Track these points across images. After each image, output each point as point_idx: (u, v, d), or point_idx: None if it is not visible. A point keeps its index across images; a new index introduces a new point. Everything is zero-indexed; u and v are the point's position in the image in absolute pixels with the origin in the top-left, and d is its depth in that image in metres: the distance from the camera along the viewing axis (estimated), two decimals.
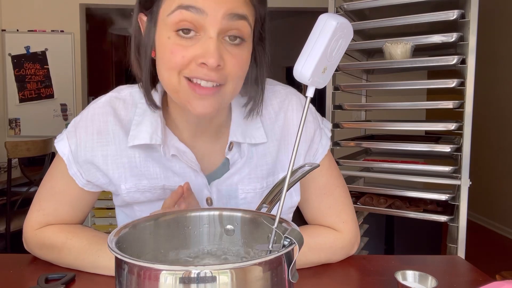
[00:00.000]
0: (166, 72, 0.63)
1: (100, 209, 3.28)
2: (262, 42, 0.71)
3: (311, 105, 0.78)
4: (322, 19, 0.47)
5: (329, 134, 0.82)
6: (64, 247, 0.73)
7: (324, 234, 0.78)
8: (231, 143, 0.73)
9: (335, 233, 0.79)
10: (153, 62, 0.67)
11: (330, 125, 0.84)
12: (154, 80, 0.70)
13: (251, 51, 0.67)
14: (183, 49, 0.60)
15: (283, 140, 0.77)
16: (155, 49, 0.65)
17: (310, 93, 0.49)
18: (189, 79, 0.62)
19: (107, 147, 0.72)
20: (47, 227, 0.76)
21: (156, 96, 0.72)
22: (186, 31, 0.60)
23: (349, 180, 2.00)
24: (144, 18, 0.67)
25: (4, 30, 3.74)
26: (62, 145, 0.74)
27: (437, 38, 1.63)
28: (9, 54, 3.77)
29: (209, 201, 0.75)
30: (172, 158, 0.72)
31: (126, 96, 0.75)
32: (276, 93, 0.79)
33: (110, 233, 0.48)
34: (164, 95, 0.74)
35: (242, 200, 0.75)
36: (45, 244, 0.75)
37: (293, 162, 0.48)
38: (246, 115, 0.74)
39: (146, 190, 0.73)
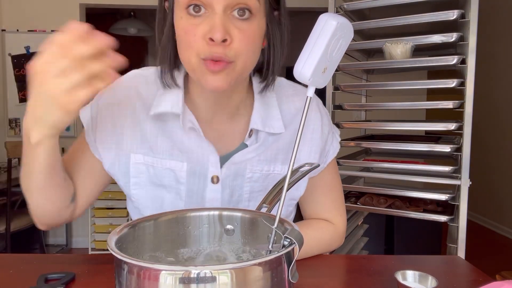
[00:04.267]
0: (185, 52, 0.66)
1: (100, 209, 3.28)
2: (276, 17, 0.71)
3: (325, 108, 0.87)
4: (322, 19, 0.47)
5: (339, 139, 0.88)
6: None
7: (325, 228, 0.86)
8: (251, 130, 0.76)
9: (332, 227, 0.87)
10: (174, 44, 0.70)
11: (339, 132, 0.90)
12: (175, 61, 0.73)
13: (264, 27, 0.68)
14: (194, 28, 0.63)
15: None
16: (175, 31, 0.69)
17: (310, 93, 0.49)
18: (203, 59, 0.65)
19: (125, 118, 0.77)
20: None
21: (179, 76, 0.76)
22: (197, 8, 0.63)
23: (349, 180, 1.99)
24: (166, 3, 0.71)
25: (4, 30, 3.73)
26: (84, 112, 0.80)
27: (437, 38, 1.63)
28: (9, 54, 3.76)
29: (215, 179, 0.76)
30: (187, 132, 0.75)
31: (149, 74, 0.80)
32: (298, 91, 0.83)
33: (110, 233, 0.48)
34: (186, 75, 0.77)
35: (248, 179, 0.78)
36: None
37: (293, 162, 0.48)
38: (260, 91, 0.78)
39: (150, 165, 0.76)
